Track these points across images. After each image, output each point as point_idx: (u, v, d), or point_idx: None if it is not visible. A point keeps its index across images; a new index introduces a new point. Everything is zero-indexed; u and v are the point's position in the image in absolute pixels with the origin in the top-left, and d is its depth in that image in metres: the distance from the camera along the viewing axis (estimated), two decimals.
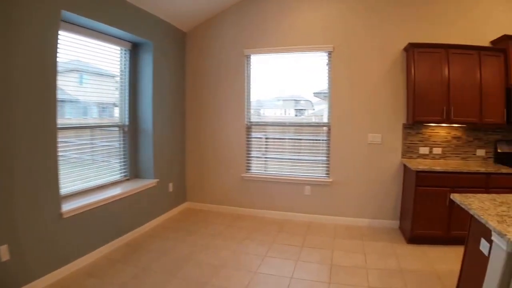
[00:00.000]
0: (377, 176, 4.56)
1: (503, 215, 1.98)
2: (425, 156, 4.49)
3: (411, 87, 4.21)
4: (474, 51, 4.15)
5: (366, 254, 3.70)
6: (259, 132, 5.05)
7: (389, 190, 4.57)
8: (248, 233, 4.31)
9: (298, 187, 4.78)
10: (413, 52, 4.18)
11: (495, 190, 3.72)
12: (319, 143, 4.80)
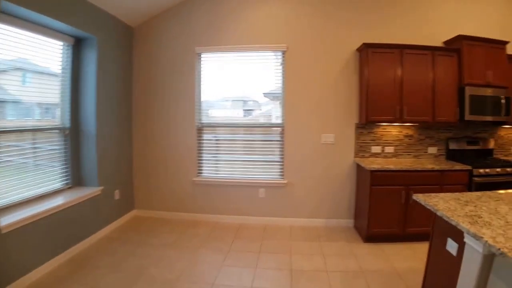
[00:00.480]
0: (331, 176, 4.78)
1: (472, 216, 2.07)
2: (377, 155, 4.78)
3: (365, 87, 4.43)
4: (428, 51, 4.45)
5: (325, 256, 3.81)
6: (211, 134, 5.03)
7: (343, 190, 4.80)
8: (203, 240, 4.26)
9: (253, 190, 4.87)
10: (367, 52, 4.37)
11: (449, 186, 4.10)
12: (272, 144, 4.90)
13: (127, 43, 4.96)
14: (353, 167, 4.79)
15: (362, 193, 4.49)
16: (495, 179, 4.32)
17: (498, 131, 5.18)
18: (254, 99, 5.16)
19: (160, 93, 5.04)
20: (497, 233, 1.78)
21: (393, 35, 4.74)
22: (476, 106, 4.49)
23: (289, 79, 4.77)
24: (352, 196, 4.81)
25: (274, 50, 4.81)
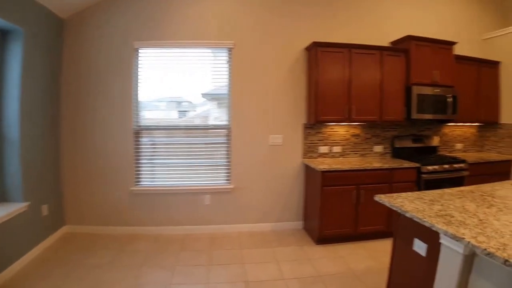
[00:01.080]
0: (280, 178, 4.64)
1: (444, 215, 2.04)
2: (325, 155, 4.71)
3: (313, 87, 4.31)
4: (376, 51, 4.45)
5: (280, 263, 3.66)
6: (150, 138, 4.56)
7: (292, 192, 4.69)
8: (146, 257, 3.83)
9: (197, 197, 4.54)
10: (316, 51, 4.23)
11: (399, 184, 4.22)
12: (218, 147, 4.60)
13: (57, 37, 4.29)
14: (301, 168, 4.67)
15: (311, 194, 4.39)
16: (443, 176, 4.49)
17: (442, 128, 5.34)
18: (198, 99, 4.77)
19: (93, 93, 4.42)
20: (476, 232, 1.76)
21: (342, 35, 4.68)
22: (423, 105, 4.59)
23: (236, 78, 4.48)
24: (300, 198, 4.72)
25: (220, 47, 4.47)
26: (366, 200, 4.13)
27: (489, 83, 5.25)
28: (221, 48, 4.49)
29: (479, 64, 5.12)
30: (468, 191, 2.75)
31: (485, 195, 2.60)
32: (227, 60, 4.50)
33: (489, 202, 2.37)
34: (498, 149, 5.39)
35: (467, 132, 5.53)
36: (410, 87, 4.55)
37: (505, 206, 2.25)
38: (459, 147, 5.49)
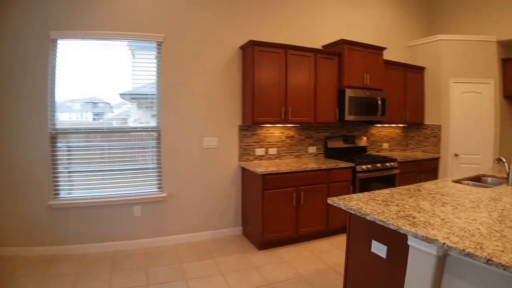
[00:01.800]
0: (216, 183, 4.41)
1: (405, 216, 2.02)
2: (262, 158, 4.61)
3: (250, 87, 4.17)
4: (311, 53, 4.47)
5: (225, 275, 3.41)
6: (69, 143, 3.94)
7: (229, 197, 4.49)
8: (72, 282, 3.24)
9: (126, 208, 4.05)
10: (253, 50, 4.08)
11: (336, 184, 4.33)
12: (147, 152, 4.20)
13: None
14: (238, 172, 4.51)
15: (251, 198, 4.26)
16: (376, 174, 4.69)
17: (370, 129, 5.59)
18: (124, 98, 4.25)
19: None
20: (446, 233, 1.75)
21: (277, 35, 4.62)
22: (355, 107, 4.72)
23: (166, 76, 4.11)
24: (238, 202, 4.56)
25: (148, 40, 4.04)
26: (306, 201, 4.14)
27: (415, 87, 5.69)
28: (149, 42, 4.07)
29: (405, 69, 5.52)
30: (415, 189, 2.83)
31: (433, 193, 2.69)
32: (156, 55, 4.10)
33: (440, 200, 2.45)
34: (423, 148, 5.86)
35: (392, 133, 5.90)
36: (343, 90, 4.66)
37: (458, 204, 2.33)
38: (386, 147, 5.84)
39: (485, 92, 5.31)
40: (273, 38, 4.39)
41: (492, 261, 1.42)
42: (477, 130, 5.34)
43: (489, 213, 2.14)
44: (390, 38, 5.74)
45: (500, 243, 1.61)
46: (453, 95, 5.38)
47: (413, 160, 5.20)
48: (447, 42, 5.46)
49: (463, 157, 5.39)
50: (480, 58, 5.36)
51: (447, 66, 5.45)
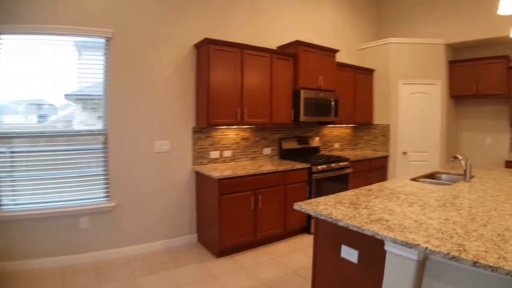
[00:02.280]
0: (168, 189, 4.16)
1: (377, 220, 1.99)
2: (216, 161, 4.44)
3: (205, 88, 3.98)
4: (268, 54, 4.40)
5: None
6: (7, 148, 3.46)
7: (183, 203, 4.27)
8: None
9: (71, 220, 3.66)
10: (208, 49, 3.90)
11: (292, 185, 4.32)
12: (94, 158, 3.83)
13: None
14: (191, 176, 4.30)
15: (206, 204, 4.07)
16: (330, 174, 4.75)
17: (322, 129, 5.66)
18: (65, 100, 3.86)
19: None
20: (424, 235, 1.74)
21: (232, 35, 4.49)
22: (309, 108, 4.74)
23: (115, 75, 3.78)
24: (193, 209, 4.34)
25: (96, 36, 3.67)
26: (263, 204, 4.06)
27: (364, 88, 5.91)
28: (97, 37, 3.69)
29: (356, 71, 5.70)
30: (377, 189, 2.86)
31: (396, 192, 2.73)
32: (104, 53, 3.75)
33: (406, 200, 2.49)
34: (372, 147, 6.12)
35: (343, 133, 6.06)
36: (298, 91, 4.65)
37: (425, 203, 2.38)
38: (337, 146, 5.98)
39: (433, 93, 5.63)
40: (228, 37, 4.23)
41: (480, 263, 1.43)
42: (424, 129, 5.67)
43: (458, 211, 2.18)
44: (341, 41, 5.92)
45: (480, 243, 1.63)
46: (401, 96, 5.66)
47: (364, 159, 5.36)
48: (397, 45, 5.74)
49: (411, 154, 5.69)
50: (428, 60, 5.71)
51: (396, 68, 5.73)
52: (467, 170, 3.28)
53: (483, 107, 5.96)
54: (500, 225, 1.91)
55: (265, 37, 4.86)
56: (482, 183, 3.17)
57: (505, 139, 5.73)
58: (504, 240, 1.67)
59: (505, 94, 5.34)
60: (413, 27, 6.15)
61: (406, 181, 3.25)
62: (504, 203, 2.39)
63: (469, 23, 5.47)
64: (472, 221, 1.99)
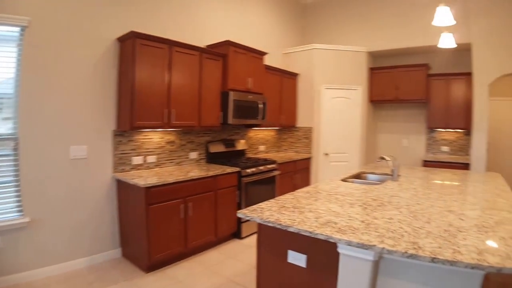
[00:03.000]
0: (88, 200, 3.69)
1: (326, 223, 1.99)
2: (139, 167, 4.08)
3: (128, 87, 3.63)
4: (197, 52, 4.19)
5: None
6: None
7: (103, 215, 3.83)
8: None
9: None
10: (134, 44, 3.56)
11: (222, 190, 4.19)
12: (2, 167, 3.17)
13: None
14: (112, 185, 3.87)
15: (131, 215, 3.69)
16: (259, 177, 4.73)
17: (248, 132, 5.63)
18: None
19: None
20: (377, 236, 1.78)
21: (160, 29, 4.15)
22: (238, 111, 4.65)
23: (29, 70, 3.21)
24: (115, 221, 3.92)
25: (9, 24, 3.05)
26: (194, 212, 3.84)
27: (289, 92, 6.05)
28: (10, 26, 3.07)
29: (281, 74, 5.82)
30: (314, 191, 2.90)
31: (332, 194, 2.81)
32: (18, 44, 3.14)
33: (345, 201, 2.57)
34: (295, 149, 6.33)
35: (268, 135, 6.11)
36: (227, 93, 4.53)
37: (364, 203, 2.48)
38: (262, 149, 6.02)
39: (354, 98, 6.04)
40: (155, 32, 3.85)
41: (438, 259, 1.50)
42: (345, 131, 6.07)
43: (399, 210, 2.29)
44: (269, 44, 5.99)
45: (431, 240, 1.72)
46: (324, 100, 5.94)
47: (289, 161, 5.46)
48: (321, 51, 6.02)
49: (333, 155, 6.01)
50: (350, 67, 6.15)
51: (320, 73, 6.01)
52: (395, 170, 3.48)
53: (400, 111, 6.65)
54: (443, 221, 2.03)
55: (194, 35, 4.65)
56: (410, 182, 3.41)
57: (422, 140, 6.47)
58: (452, 235, 1.78)
59: (423, 99, 5.96)
60: (337, 35, 6.62)
61: (338, 182, 3.36)
62: (438, 200, 2.60)
63: (389, 33, 6.06)
64: (415, 218, 2.10)
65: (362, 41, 6.29)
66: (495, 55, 5.11)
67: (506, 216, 2.18)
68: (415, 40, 5.76)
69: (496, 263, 1.44)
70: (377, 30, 6.16)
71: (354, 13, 6.48)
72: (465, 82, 5.66)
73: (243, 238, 4.54)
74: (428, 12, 5.33)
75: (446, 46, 4.48)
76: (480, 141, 5.29)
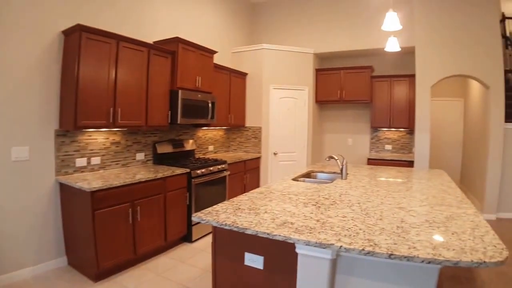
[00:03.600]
0: (30, 206, 3.43)
1: (283, 224, 2.01)
2: (83, 169, 3.86)
3: (73, 84, 3.41)
4: (145, 48, 4.07)
5: None
6: None
7: (47, 221, 3.57)
8: None
9: None
10: (80, 38, 3.36)
11: (172, 192, 4.10)
12: None
13: None
14: (56, 189, 3.62)
15: (76, 220, 3.49)
16: (210, 178, 4.70)
17: (197, 132, 5.58)
18: None
19: None
20: (333, 234, 1.82)
21: (102, 22, 3.94)
22: (187, 110, 4.58)
23: None
24: (59, 227, 3.67)
25: None
26: (143, 216, 3.70)
27: (238, 91, 6.09)
28: None
29: (231, 74, 5.84)
30: (267, 192, 2.96)
31: (285, 193, 2.88)
32: None
33: (298, 200, 2.66)
34: (245, 148, 6.41)
35: (217, 135, 6.10)
36: (175, 91, 4.45)
37: (317, 202, 2.56)
38: (211, 149, 6.00)
39: (301, 98, 6.23)
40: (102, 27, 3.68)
41: (395, 255, 1.56)
42: (293, 131, 6.26)
43: (351, 208, 2.37)
44: (218, 43, 6.00)
45: (386, 236, 1.78)
46: (272, 99, 6.06)
47: (239, 160, 5.49)
48: (269, 51, 6.15)
49: (281, 155, 6.16)
50: (298, 68, 6.36)
51: (268, 73, 6.13)
52: (343, 169, 3.61)
53: (345, 111, 6.97)
54: (394, 218, 2.12)
55: (143, 31, 4.50)
56: (358, 180, 3.57)
57: (366, 139, 6.81)
58: (406, 232, 1.86)
59: (367, 100, 6.27)
60: (286, 36, 6.84)
61: (290, 182, 3.43)
62: (387, 197, 2.73)
63: (336, 36, 6.38)
64: (367, 216, 2.17)
65: (309, 42, 6.53)
66: (438, 58, 5.54)
67: (455, 212, 2.30)
68: (361, 43, 6.09)
69: (452, 257, 1.52)
70: (324, 32, 6.44)
71: (302, 16, 6.70)
72: (408, 84, 6.09)
73: (194, 241, 4.46)
74: (374, 16, 5.68)
75: (392, 49, 4.74)
76: (422, 140, 5.69)
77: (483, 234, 1.85)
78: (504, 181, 5.51)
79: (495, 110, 5.40)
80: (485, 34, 5.32)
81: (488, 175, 5.50)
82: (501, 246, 1.66)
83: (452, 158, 7.81)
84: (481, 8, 5.31)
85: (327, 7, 6.47)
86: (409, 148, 6.46)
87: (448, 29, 5.47)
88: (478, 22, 5.33)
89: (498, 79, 5.36)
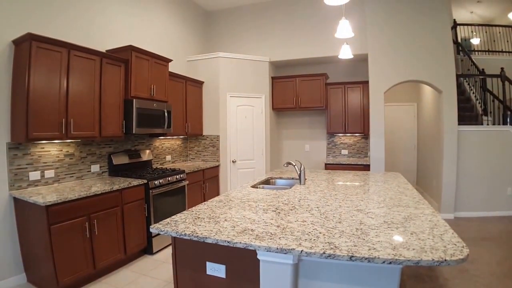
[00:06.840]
0: None
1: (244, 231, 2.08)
2: (37, 183, 3.91)
3: (23, 94, 3.47)
4: (97, 57, 4.18)
5: None
6: None
7: (3, 238, 3.59)
8: None
9: None
10: (31, 47, 3.44)
11: (130, 205, 4.20)
12: None
13: None
14: (10, 204, 3.64)
15: (32, 236, 3.53)
16: (168, 188, 4.84)
17: (154, 142, 5.71)
18: None
19: None
20: (294, 239, 1.91)
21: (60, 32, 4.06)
22: (142, 119, 4.73)
23: None
24: (15, 243, 3.68)
25: None
26: (100, 230, 3.78)
27: (195, 99, 6.32)
28: None
29: (187, 82, 6.06)
30: (227, 200, 3.06)
31: (245, 200, 3.01)
32: None
33: (258, 207, 2.75)
34: (203, 157, 6.64)
35: (174, 144, 6.27)
36: (130, 100, 4.58)
37: (277, 208, 2.68)
38: (169, 159, 6.16)
39: (258, 105, 6.55)
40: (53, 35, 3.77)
41: (356, 257, 1.66)
42: (251, 139, 6.57)
43: (310, 212, 2.50)
44: (172, 51, 6.20)
45: (346, 239, 1.90)
46: (229, 108, 6.36)
47: (198, 170, 5.68)
48: (226, 59, 6.43)
49: (240, 162, 6.43)
50: (254, 76, 6.68)
51: (225, 81, 6.42)
52: (301, 174, 3.85)
53: (302, 118, 7.38)
54: (353, 220, 2.26)
55: (95, 39, 4.61)
56: (317, 185, 3.77)
57: (323, 145, 7.23)
58: (365, 233, 1.98)
59: (322, 106, 6.69)
60: (241, 44, 7.19)
61: (249, 189, 3.60)
62: (345, 200, 2.90)
63: (290, 44, 6.80)
64: (326, 219, 2.31)
65: (265, 50, 6.92)
66: (390, 64, 6.03)
67: (413, 212, 2.47)
68: (315, 51, 6.53)
69: (413, 256, 1.61)
70: (279, 41, 6.86)
71: (257, 24, 7.10)
72: (361, 90, 6.58)
73: (155, 253, 4.56)
74: (328, 25, 6.11)
75: (345, 57, 5.12)
76: (377, 144, 6.14)
77: (442, 233, 1.97)
78: (460, 181, 6.02)
79: (448, 114, 5.91)
80: (436, 41, 5.84)
81: (444, 176, 5.99)
82: (461, 244, 1.77)
83: (408, 161, 8.37)
84: (432, 17, 5.84)
85: (282, 16, 6.89)
86: (365, 153, 6.91)
87: (400, 36, 5.97)
88: (429, 29, 5.85)
89: (450, 84, 5.89)
